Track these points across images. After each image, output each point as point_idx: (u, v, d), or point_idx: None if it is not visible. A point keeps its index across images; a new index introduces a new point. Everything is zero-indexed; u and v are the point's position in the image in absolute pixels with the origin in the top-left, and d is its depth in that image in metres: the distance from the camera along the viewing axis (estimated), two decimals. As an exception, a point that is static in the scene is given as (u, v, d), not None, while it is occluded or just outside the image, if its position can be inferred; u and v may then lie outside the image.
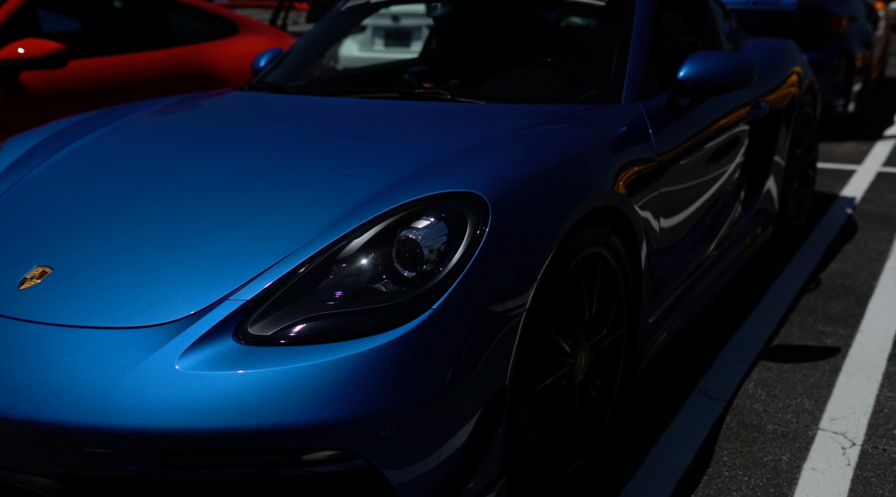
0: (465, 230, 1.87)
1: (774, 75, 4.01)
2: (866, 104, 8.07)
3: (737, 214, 3.69)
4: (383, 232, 1.88)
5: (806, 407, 2.80)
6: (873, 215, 5.01)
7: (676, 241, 2.90)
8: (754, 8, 5.11)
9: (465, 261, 1.83)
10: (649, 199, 2.60)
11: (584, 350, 2.31)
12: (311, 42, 3.67)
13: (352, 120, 2.66)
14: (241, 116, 2.84)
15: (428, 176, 2.04)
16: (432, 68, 3.76)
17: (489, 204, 1.91)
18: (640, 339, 2.70)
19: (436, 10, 3.53)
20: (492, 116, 2.59)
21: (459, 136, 2.35)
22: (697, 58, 2.85)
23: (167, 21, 5.39)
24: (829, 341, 3.29)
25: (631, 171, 2.50)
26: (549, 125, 2.45)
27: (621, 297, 2.48)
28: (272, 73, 3.52)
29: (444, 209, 1.90)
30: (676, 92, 2.88)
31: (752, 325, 3.47)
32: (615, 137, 2.52)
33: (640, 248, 2.53)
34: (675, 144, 2.83)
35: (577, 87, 3.05)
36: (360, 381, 1.69)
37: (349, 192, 2.06)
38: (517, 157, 2.11)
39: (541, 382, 2.12)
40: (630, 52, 2.93)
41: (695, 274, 3.17)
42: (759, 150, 3.92)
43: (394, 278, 1.84)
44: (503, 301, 1.87)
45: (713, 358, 3.18)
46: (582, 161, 2.25)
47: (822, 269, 4.11)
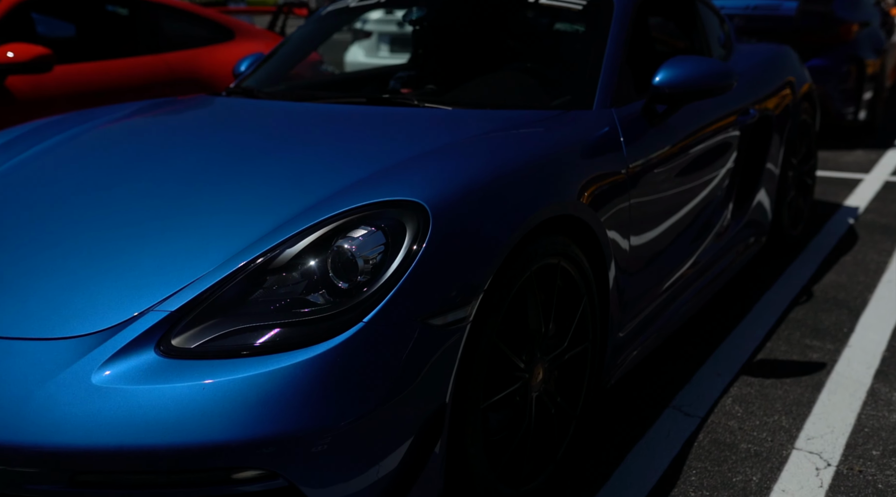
0: (402, 240, 1.80)
1: (766, 82, 3.91)
2: (878, 112, 7.91)
3: (725, 224, 3.59)
4: (319, 241, 1.81)
5: (783, 425, 2.70)
6: (876, 226, 4.89)
7: (651, 252, 2.81)
8: (754, 13, 5.01)
9: (401, 272, 1.76)
10: (619, 209, 2.52)
11: (541, 365, 2.23)
12: (291, 47, 3.61)
13: (312, 126, 2.60)
14: (202, 122, 2.79)
15: (373, 183, 1.98)
16: (415, 74, 3.71)
17: (430, 213, 1.84)
18: (610, 353, 2.62)
19: (410, 15, 3.47)
20: (454, 122, 2.52)
21: (414, 143, 2.28)
22: (674, 63, 2.77)
23: (160, 26, 5.37)
24: (815, 356, 3.19)
25: (597, 179, 2.42)
26: (511, 131, 2.37)
27: (585, 309, 2.40)
28: (249, 78, 3.47)
29: (383, 218, 1.83)
30: (652, 98, 2.79)
31: (736, 337, 3.37)
32: (580, 144, 2.44)
33: (606, 260, 2.44)
34: (650, 153, 2.75)
35: (551, 92, 2.97)
36: (284, 397, 1.62)
37: (292, 199, 1.99)
38: (467, 165, 2.04)
39: (489, 398, 2.05)
40: (605, 58, 2.85)
41: (675, 285, 3.08)
42: (750, 158, 3.82)
43: (329, 290, 1.77)
44: (443, 314, 1.80)
45: (693, 372, 3.08)
46: (539, 168, 2.18)
47: (816, 281, 4.00)
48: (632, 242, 2.63)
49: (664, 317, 2.98)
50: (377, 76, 4.13)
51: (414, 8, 3.46)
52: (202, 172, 2.24)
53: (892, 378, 2.99)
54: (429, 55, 3.80)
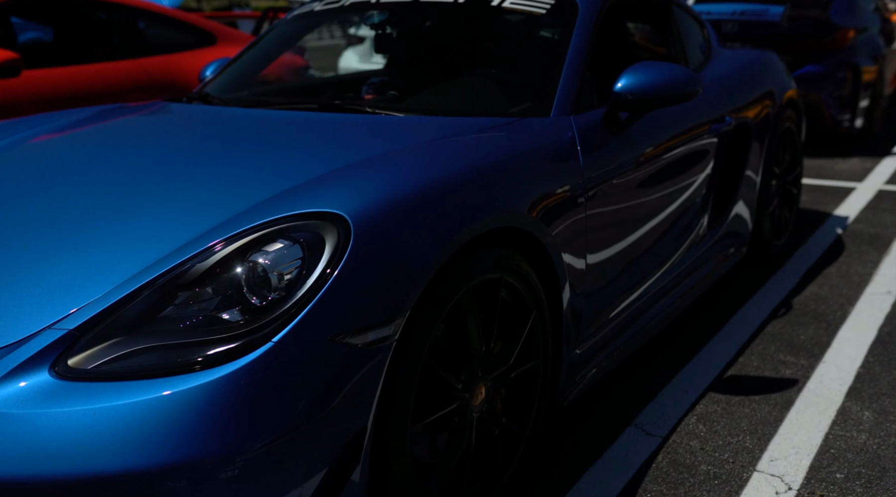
0: (321, 255, 1.71)
1: (745, 88, 3.81)
2: (876, 120, 7.79)
3: (700, 234, 3.49)
4: (233, 255, 1.72)
5: (747, 445, 2.60)
6: (864, 236, 4.77)
7: (612, 266, 2.71)
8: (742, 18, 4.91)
9: (317, 288, 1.67)
10: (574, 220, 2.42)
11: (483, 384, 2.14)
12: (255, 52, 3.53)
13: (256, 133, 2.51)
14: (145, 130, 2.70)
15: (298, 194, 1.88)
16: (385, 80, 3.62)
17: (352, 225, 1.75)
18: (567, 370, 2.52)
19: (372, 19, 3.39)
20: (401, 130, 2.42)
21: (353, 152, 2.19)
22: (637, 69, 2.67)
23: (139, 31, 5.30)
24: (788, 372, 3.08)
25: (549, 190, 2.32)
26: (458, 139, 2.28)
27: (535, 326, 2.30)
28: (210, 84, 3.39)
29: (302, 231, 1.74)
30: (614, 105, 2.69)
31: (708, 352, 3.26)
32: (531, 153, 2.35)
33: (558, 274, 2.35)
34: (610, 163, 2.65)
35: (513, 99, 2.88)
36: (184, 423, 1.53)
37: (215, 209, 1.90)
38: (399, 175, 1.94)
39: (423, 420, 1.95)
40: (565, 64, 2.76)
41: (641, 299, 2.98)
42: (728, 167, 3.72)
43: (244, 307, 1.68)
44: (363, 333, 1.70)
45: (660, 388, 2.98)
46: (481, 178, 2.08)
47: (797, 293, 3.89)
48: (589, 256, 2.53)
49: (629, 332, 2.88)
50: (348, 82, 4.06)
51: (375, 13, 3.37)
52: (131, 181, 2.15)
53: (864, 396, 2.88)
54: (398, 61, 3.72)
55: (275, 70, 5.99)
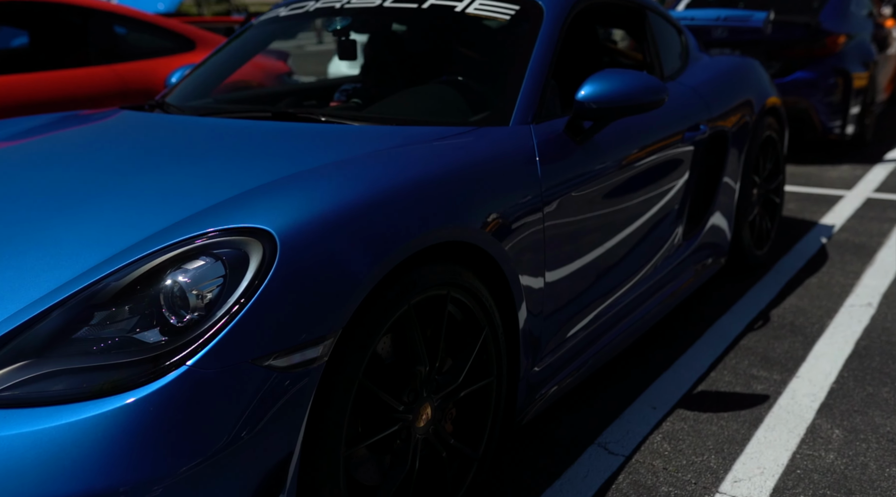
0: (244, 272, 1.63)
1: (723, 96, 3.73)
2: (868, 127, 7.71)
3: (674, 245, 3.42)
4: (152, 272, 1.64)
5: (711, 465, 2.51)
6: (848, 245, 4.69)
7: (574, 281, 2.63)
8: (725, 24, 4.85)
9: (238, 308, 1.59)
10: (531, 233, 2.35)
11: (428, 404, 2.06)
12: (219, 58, 3.46)
13: (202, 143, 2.43)
14: (92, 139, 2.62)
15: (228, 207, 1.81)
16: (357, 87, 3.56)
17: (278, 241, 1.67)
18: (525, 389, 2.44)
19: (333, 25, 3.32)
20: (350, 140, 2.35)
21: (294, 162, 2.11)
22: (600, 77, 2.59)
23: (114, 36, 5.23)
24: (760, 388, 3.00)
25: (502, 202, 2.25)
26: (407, 149, 2.20)
27: (488, 343, 2.23)
28: (174, 91, 3.31)
29: (225, 247, 1.66)
30: (577, 114, 2.61)
31: (680, 367, 3.18)
32: (485, 164, 2.27)
33: (512, 289, 2.27)
34: (573, 173, 2.57)
35: (475, 107, 2.80)
36: (89, 453, 1.45)
37: (140, 224, 1.83)
38: (335, 187, 1.87)
39: (360, 443, 1.88)
40: (527, 71, 2.68)
41: (608, 314, 2.90)
42: (704, 176, 3.64)
43: (163, 328, 1.60)
44: (289, 355, 1.63)
45: (626, 404, 2.90)
46: (424, 190, 2.00)
47: (776, 305, 3.81)
48: (548, 271, 2.45)
49: (594, 348, 2.81)
50: (320, 89, 3.99)
51: (338, 19, 3.30)
52: (63, 194, 2.07)
53: (836, 412, 2.80)
54: (368, 68, 3.65)
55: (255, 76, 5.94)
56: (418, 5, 3.02)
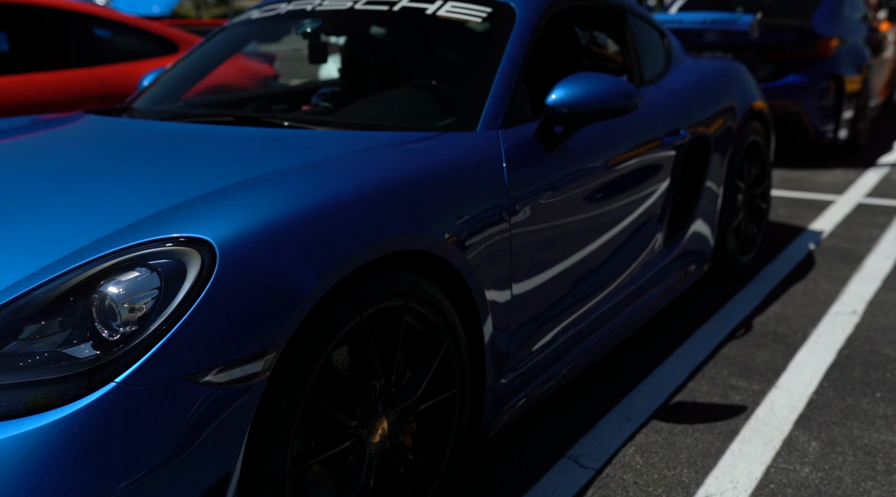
0: (181, 284, 1.57)
1: (704, 100, 3.67)
2: (861, 131, 7.64)
3: (654, 252, 3.35)
4: (83, 285, 1.58)
5: (682, 479, 2.45)
6: (836, 251, 4.63)
7: (544, 291, 2.56)
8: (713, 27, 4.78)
9: (173, 321, 1.53)
10: (497, 241, 2.28)
11: (385, 418, 1.99)
12: (191, 62, 3.40)
13: (156, 149, 2.37)
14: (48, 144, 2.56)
15: (167, 216, 1.74)
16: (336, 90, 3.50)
17: (218, 251, 1.61)
18: (491, 401, 2.38)
19: (302, 28, 3.26)
20: (309, 145, 2.29)
21: (247, 169, 2.05)
22: (570, 81, 2.53)
23: (94, 39, 5.17)
24: (738, 398, 2.94)
25: (465, 210, 2.18)
26: (364, 155, 2.14)
27: (449, 355, 2.16)
28: (143, 95, 3.25)
29: (162, 257, 1.60)
30: (548, 119, 2.55)
31: (657, 376, 3.12)
32: (446, 170, 2.20)
33: (476, 300, 2.21)
34: (543, 179, 2.51)
35: (445, 112, 2.74)
36: (8, 474, 1.39)
37: (79, 233, 1.76)
38: (283, 194, 1.80)
39: (306, 461, 1.81)
40: (497, 75, 2.62)
41: (582, 323, 2.83)
42: (686, 182, 3.58)
43: (95, 342, 1.54)
44: (227, 370, 1.56)
45: (601, 415, 2.83)
46: (378, 198, 1.94)
47: (759, 313, 3.75)
48: (516, 280, 2.39)
49: (566, 359, 2.74)
50: (297, 92, 3.93)
51: (307, 21, 3.24)
52: (8, 200, 2.01)
53: (814, 424, 2.74)
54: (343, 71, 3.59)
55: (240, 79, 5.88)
56: (389, 8, 2.96)
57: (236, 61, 6.08)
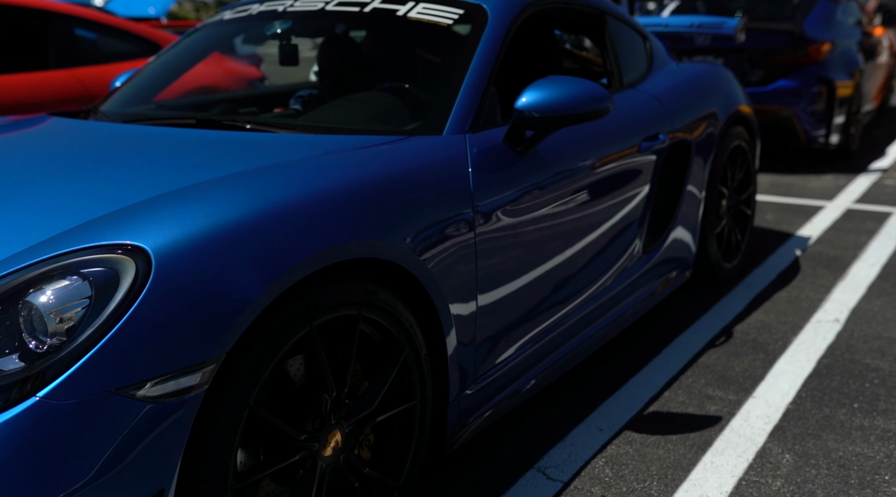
0: (113, 293, 1.51)
1: (685, 104, 3.61)
2: (853, 136, 7.58)
3: (633, 259, 3.29)
4: (11, 293, 1.52)
5: (652, 493, 2.39)
6: (822, 258, 4.57)
7: (511, 300, 2.50)
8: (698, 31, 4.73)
9: (102, 333, 1.47)
10: (460, 248, 2.22)
11: (338, 430, 1.94)
12: (161, 64, 3.34)
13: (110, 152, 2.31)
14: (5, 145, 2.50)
15: (104, 222, 1.68)
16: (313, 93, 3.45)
17: (153, 259, 1.55)
18: (456, 412, 2.32)
19: (272, 29, 3.20)
20: (267, 149, 2.23)
21: (197, 173, 1.99)
22: (540, 85, 2.47)
23: (75, 40, 5.12)
24: (714, 409, 2.88)
25: (427, 216, 2.13)
26: (320, 159, 2.08)
27: (409, 365, 2.11)
28: (111, 97, 3.20)
29: (94, 265, 1.54)
30: (517, 123, 2.49)
31: (633, 385, 3.06)
32: (407, 175, 2.15)
33: (438, 309, 2.15)
34: (512, 185, 2.45)
35: (413, 115, 2.69)
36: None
37: (11, 240, 1.70)
38: (228, 200, 1.75)
39: (253, 475, 1.75)
40: (466, 78, 2.57)
41: (554, 332, 2.78)
42: (666, 187, 3.53)
43: (23, 354, 1.48)
44: (160, 383, 1.51)
45: (573, 425, 2.77)
46: (331, 203, 1.88)
47: (740, 320, 3.69)
48: (482, 293, 2.33)
49: (537, 369, 2.68)
50: (273, 95, 3.88)
51: (277, 23, 3.18)
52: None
53: (788, 436, 2.68)
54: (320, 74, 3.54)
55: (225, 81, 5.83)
56: (360, 9, 2.90)
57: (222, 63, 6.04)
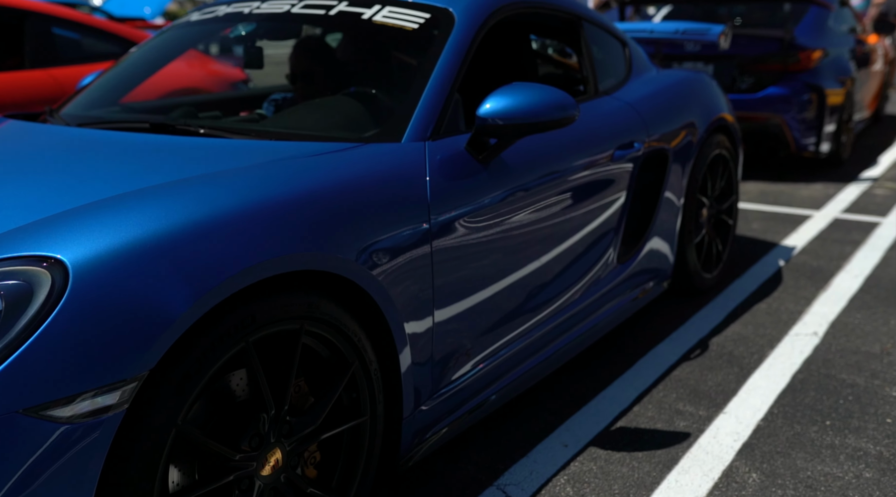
0: (26, 307, 1.44)
1: (663, 111, 3.54)
2: (845, 144, 7.52)
3: (605, 269, 3.23)
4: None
5: (612, 513, 2.33)
6: (805, 269, 4.50)
7: (473, 313, 2.43)
8: (683, 38, 4.67)
9: (12, 349, 1.40)
10: (414, 262, 2.15)
11: (279, 449, 1.87)
12: (125, 66, 3.27)
13: (52, 158, 2.24)
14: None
15: (21, 233, 1.61)
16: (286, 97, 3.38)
17: (71, 272, 1.48)
18: (410, 429, 2.25)
19: (236, 31, 3.14)
20: (213, 156, 2.16)
21: (134, 181, 1.92)
22: (504, 92, 2.41)
23: (52, 39, 5.05)
24: (682, 424, 2.81)
25: (378, 227, 2.06)
26: (263, 167, 2.01)
27: (358, 381, 2.04)
28: (74, 99, 3.13)
29: (7, 278, 1.48)
30: (480, 131, 2.42)
31: (602, 400, 2.99)
32: (357, 184, 2.08)
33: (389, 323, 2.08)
34: (474, 196, 2.38)
35: (376, 121, 2.62)
36: None
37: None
38: (156, 210, 1.68)
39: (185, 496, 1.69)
40: (428, 84, 2.50)
41: (518, 345, 2.71)
42: (641, 197, 3.46)
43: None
44: (73, 403, 1.44)
45: (537, 441, 2.71)
46: (271, 213, 1.81)
47: (717, 333, 3.62)
48: (438, 306, 2.26)
49: (500, 383, 2.62)
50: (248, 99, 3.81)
51: (241, 25, 3.12)
52: None
53: (757, 454, 2.61)
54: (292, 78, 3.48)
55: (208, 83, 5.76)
56: (326, 12, 2.84)
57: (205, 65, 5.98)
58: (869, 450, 2.63)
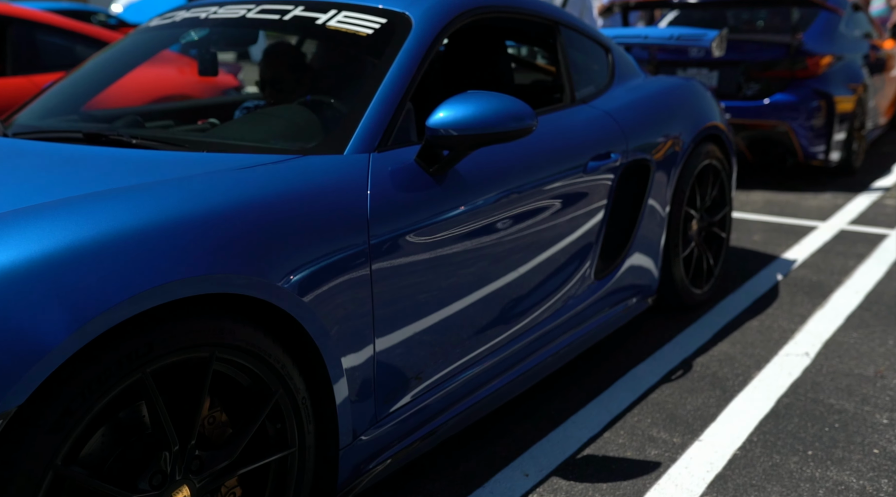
0: None
1: (644, 120, 3.38)
2: (857, 153, 7.30)
3: (581, 286, 3.07)
4: None
5: (565, 552, 2.17)
6: (804, 284, 4.32)
7: (419, 342, 2.29)
8: (677, 44, 4.51)
9: None
10: (350, 284, 2.01)
11: (186, 486, 1.73)
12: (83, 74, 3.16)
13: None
14: None
15: None
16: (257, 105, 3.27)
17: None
18: (349, 461, 2.11)
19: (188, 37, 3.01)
20: (134, 169, 2.03)
21: (36, 196, 1.79)
22: (457, 101, 2.27)
23: (35, 45, 4.97)
24: (654, 453, 2.65)
25: (308, 246, 1.92)
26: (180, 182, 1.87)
27: (283, 410, 1.90)
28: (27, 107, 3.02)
29: None
30: (430, 143, 2.28)
31: (572, 425, 2.83)
32: (284, 199, 1.94)
33: (320, 349, 1.95)
34: (421, 211, 2.24)
35: (325, 131, 2.49)
36: None
37: None
38: (37, 230, 1.55)
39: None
40: (377, 93, 2.36)
41: (478, 368, 2.56)
42: (622, 209, 3.30)
43: None
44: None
45: (496, 470, 2.55)
46: (176, 231, 1.68)
47: (703, 352, 3.45)
48: (380, 333, 2.12)
49: (452, 410, 2.47)
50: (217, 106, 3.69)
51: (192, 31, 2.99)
52: None
53: (730, 486, 2.44)
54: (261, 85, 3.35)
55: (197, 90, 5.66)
56: (280, 17, 2.71)
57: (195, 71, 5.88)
58: (851, 484, 2.46)
